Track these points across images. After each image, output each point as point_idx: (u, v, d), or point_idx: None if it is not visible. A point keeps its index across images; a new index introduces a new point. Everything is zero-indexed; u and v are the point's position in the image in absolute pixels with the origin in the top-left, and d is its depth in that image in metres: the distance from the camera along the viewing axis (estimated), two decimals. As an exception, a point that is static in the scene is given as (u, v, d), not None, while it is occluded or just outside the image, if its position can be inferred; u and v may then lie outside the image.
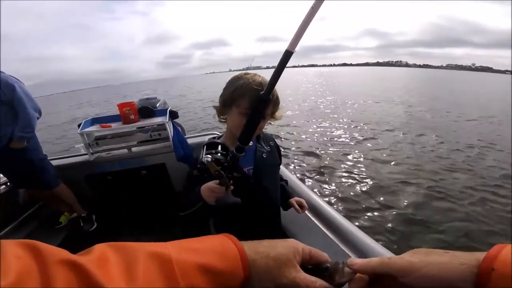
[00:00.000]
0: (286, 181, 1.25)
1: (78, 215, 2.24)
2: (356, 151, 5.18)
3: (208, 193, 0.75)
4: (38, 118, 1.99)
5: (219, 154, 0.64)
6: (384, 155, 4.98)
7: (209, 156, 0.61)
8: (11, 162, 1.93)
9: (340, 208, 3.24)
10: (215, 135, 1.03)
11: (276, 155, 1.08)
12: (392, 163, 4.56)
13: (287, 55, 0.56)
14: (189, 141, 2.33)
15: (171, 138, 2.21)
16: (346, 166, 4.46)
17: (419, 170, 4.23)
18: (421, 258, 0.31)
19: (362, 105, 11.24)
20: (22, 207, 2.23)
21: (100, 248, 0.29)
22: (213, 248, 0.33)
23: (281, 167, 1.27)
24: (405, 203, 3.26)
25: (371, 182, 3.83)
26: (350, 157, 4.88)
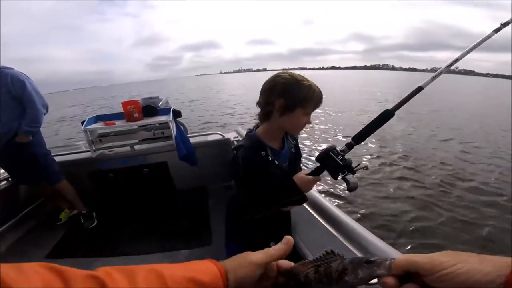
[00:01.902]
0: None
1: (78, 212, 2.23)
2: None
3: (311, 184, 0.92)
4: (44, 114, 2.02)
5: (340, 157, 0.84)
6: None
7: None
8: (15, 156, 1.94)
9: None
10: (249, 129, 1.08)
11: (299, 149, 1.15)
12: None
13: (387, 114, 0.80)
14: (192, 140, 2.37)
15: (173, 137, 2.24)
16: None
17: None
18: (451, 257, 0.30)
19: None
20: (22, 204, 2.23)
21: (102, 268, 0.33)
22: (198, 267, 0.37)
23: None
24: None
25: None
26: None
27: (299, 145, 1.16)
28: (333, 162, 0.84)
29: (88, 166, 2.35)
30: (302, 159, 1.20)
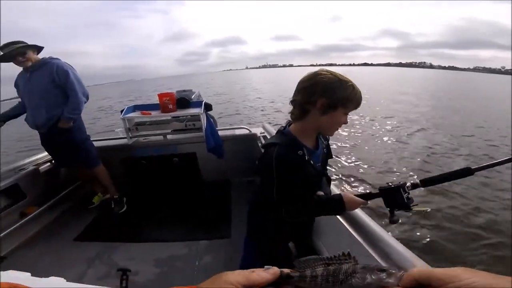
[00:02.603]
0: None
1: (111, 196, 2.36)
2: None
3: (357, 206, 0.94)
4: (85, 102, 2.19)
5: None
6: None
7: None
8: (58, 140, 2.11)
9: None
10: (282, 126, 1.04)
11: (329, 149, 1.14)
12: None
13: (466, 172, 0.80)
14: (220, 133, 2.45)
15: (204, 129, 2.33)
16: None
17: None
18: (468, 272, 0.30)
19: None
20: (62, 185, 2.41)
21: None
22: None
23: None
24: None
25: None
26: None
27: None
28: (400, 199, 0.87)
29: (123, 152, 2.50)
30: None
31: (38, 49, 2.08)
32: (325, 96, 0.89)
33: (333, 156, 1.24)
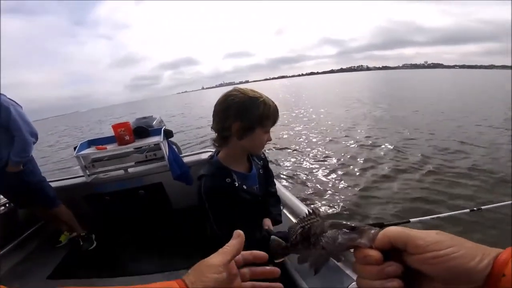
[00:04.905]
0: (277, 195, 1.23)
1: (77, 234, 2.25)
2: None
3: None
4: (34, 143, 2.01)
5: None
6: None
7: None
8: (10, 184, 1.95)
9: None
10: (210, 155, 1.04)
11: (268, 169, 1.14)
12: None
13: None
14: (186, 159, 2.40)
15: (166, 158, 2.27)
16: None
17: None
18: (447, 238, 0.28)
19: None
20: (22, 226, 2.28)
21: None
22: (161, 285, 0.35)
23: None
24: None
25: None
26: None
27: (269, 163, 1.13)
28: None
29: (84, 190, 2.38)
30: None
31: None
32: (239, 119, 0.86)
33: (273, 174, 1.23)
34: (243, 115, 0.85)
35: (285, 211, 1.51)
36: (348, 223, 0.33)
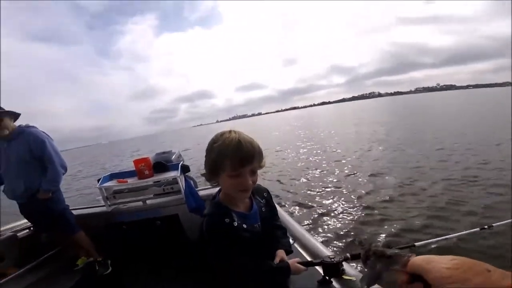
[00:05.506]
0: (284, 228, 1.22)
1: (94, 259, 2.33)
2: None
3: (299, 273, 0.98)
4: (63, 174, 2.19)
5: None
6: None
7: None
8: (36, 210, 2.12)
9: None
10: (213, 195, 1.02)
11: (272, 204, 1.11)
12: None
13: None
14: (201, 193, 2.49)
15: (183, 191, 2.36)
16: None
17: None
18: (460, 271, 0.31)
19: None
20: (43, 249, 2.40)
21: None
22: None
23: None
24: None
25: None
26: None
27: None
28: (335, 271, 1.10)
29: (104, 219, 2.50)
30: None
31: (15, 116, 2.10)
32: (205, 164, 0.89)
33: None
34: (206, 161, 0.88)
35: (296, 245, 1.55)
36: (387, 251, 0.42)
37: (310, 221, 4.08)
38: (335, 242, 3.36)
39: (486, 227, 1.43)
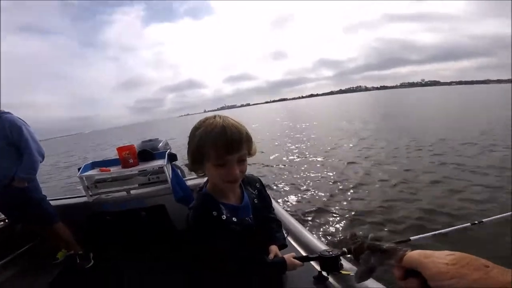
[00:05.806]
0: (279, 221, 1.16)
1: (75, 252, 2.24)
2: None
3: (294, 268, 0.94)
4: (40, 162, 2.06)
5: None
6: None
7: None
8: (12, 200, 1.98)
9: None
10: (200, 186, 0.96)
11: (265, 195, 1.05)
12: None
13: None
14: (189, 182, 2.40)
15: (169, 181, 2.27)
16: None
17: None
18: (457, 267, 0.30)
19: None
20: (19, 242, 2.27)
21: None
22: None
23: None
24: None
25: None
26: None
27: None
28: (332, 265, 1.06)
29: (85, 210, 2.38)
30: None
31: None
32: (188, 153, 0.82)
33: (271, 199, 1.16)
34: (188, 149, 0.81)
35: (289, 238, 1.49)
36: (382, 245, 0.40)
37: (301, 215, 4.06)
38: (328, 237, 3.35)
39: (476, 222, 1.47)
